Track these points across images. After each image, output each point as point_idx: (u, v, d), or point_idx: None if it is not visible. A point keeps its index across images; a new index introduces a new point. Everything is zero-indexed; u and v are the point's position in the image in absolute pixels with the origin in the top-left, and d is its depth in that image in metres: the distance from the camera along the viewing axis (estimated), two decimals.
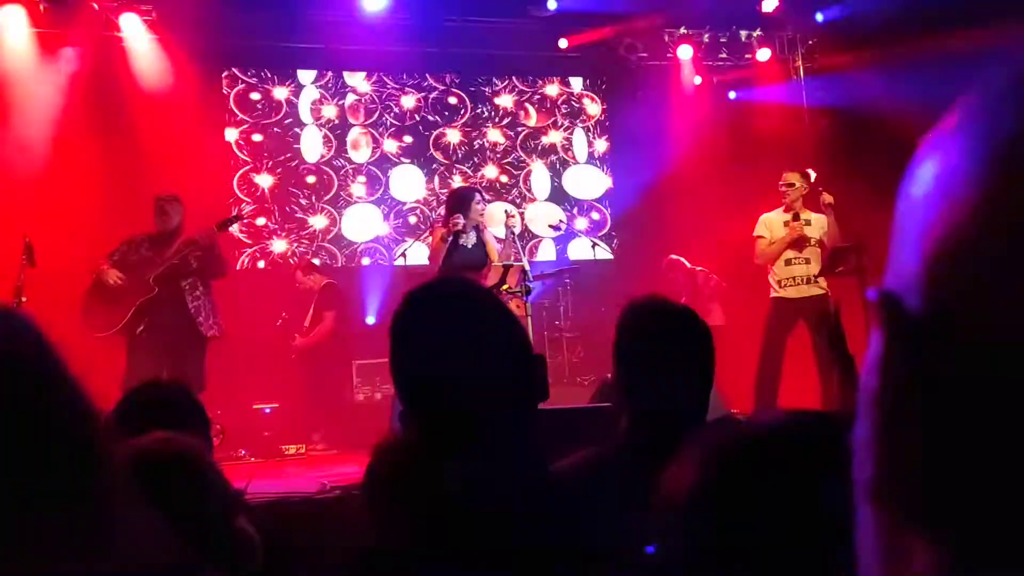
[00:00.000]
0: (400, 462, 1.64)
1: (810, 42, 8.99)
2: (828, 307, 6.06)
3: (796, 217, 6.07)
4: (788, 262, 6.10)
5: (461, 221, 5.50)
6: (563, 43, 8.49)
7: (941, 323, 0.35)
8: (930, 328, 0.35)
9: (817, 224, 6.14)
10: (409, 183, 8.70)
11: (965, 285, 0.35)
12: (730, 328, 7.45)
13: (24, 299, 5.14)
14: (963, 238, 0.35)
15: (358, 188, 8.57)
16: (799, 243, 6.10)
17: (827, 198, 6.00)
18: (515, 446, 1.17)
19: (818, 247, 6.13)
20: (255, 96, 8.40)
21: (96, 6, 7.43)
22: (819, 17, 8.58)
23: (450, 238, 5.51)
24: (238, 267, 8.09)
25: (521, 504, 1.11)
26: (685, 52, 8.86)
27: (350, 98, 8.66)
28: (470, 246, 5.64)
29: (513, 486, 1.13)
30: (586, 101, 9.39)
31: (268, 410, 7.07)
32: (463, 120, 8.97)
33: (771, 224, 6.17)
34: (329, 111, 8.57)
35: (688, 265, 7.82)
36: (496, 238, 6.11)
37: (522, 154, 9.11)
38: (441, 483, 1.13)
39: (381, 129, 8.70)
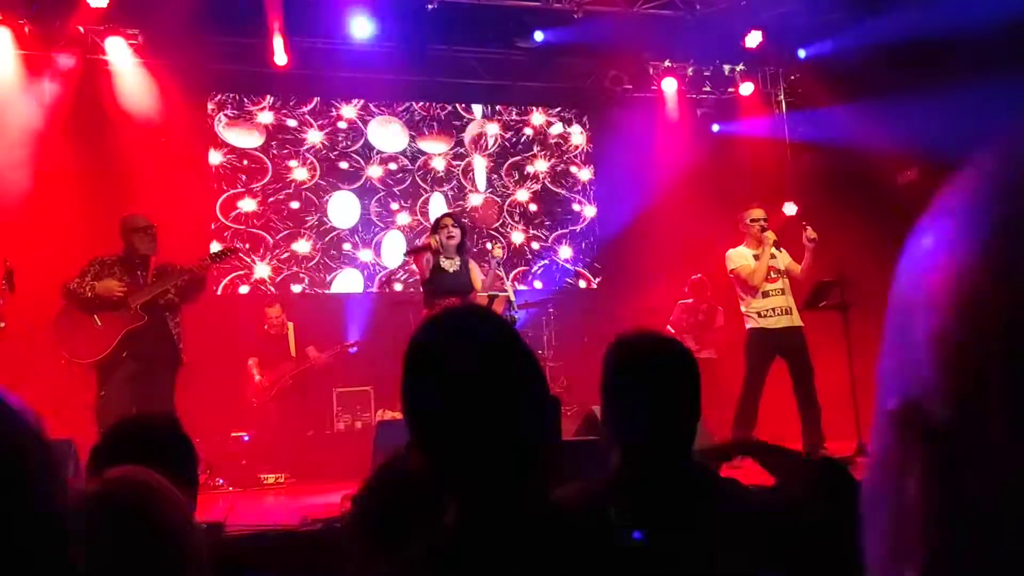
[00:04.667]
0: (400, 493, 1.61)
1: (792, 77, 9.11)
2: (805, 341, 6.08)
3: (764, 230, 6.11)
4: (766, 293, 6.12)
5: (435, 241, 5.60)
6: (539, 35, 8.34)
7: (969, 435, 0.35)
8: (957, 439, 0.35)
9: (781, 256, 6.19)
10: (392, 210, 8.70)
11: (992, 399, 0.34)
12: (719, 362, 7.50)
13: (3, 324, 5.07)
14: (981, 351, 0.34)
15: (342, 214, 8.55)
16: (768, 271, 6.12)
17: (811, 233, 6.02)
18: (522, 488, 1.15)
19: (786, 277, 6.17)
20: (240, 121, 8.39)
21: (82, 29, 7.41)
22: (801, 53, 8.70)
23: (431, 258, 5.58)
24: (219, 292, 8.05)
25: (521, 545, 1.09)
26: (669, 85, 8.95)
27: (335, 124, 8.67)
28: (452, 271, 5.63)
29: (515, 528, 1.11)
30: (571, 131, 9.45)
31: (246, 438, 6.97)
32: (449, 148, 9.00)
33: (746, 257, 6.19)
34: (314, 136, 8.57)
35: (707, 293, 7.95)
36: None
37: (507, 182, 9.14)
38: (442, 518, 1.10)
39: (366, 156, 8.71)
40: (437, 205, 8.72)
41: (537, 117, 9.34)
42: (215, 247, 7.93)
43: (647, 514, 1.67)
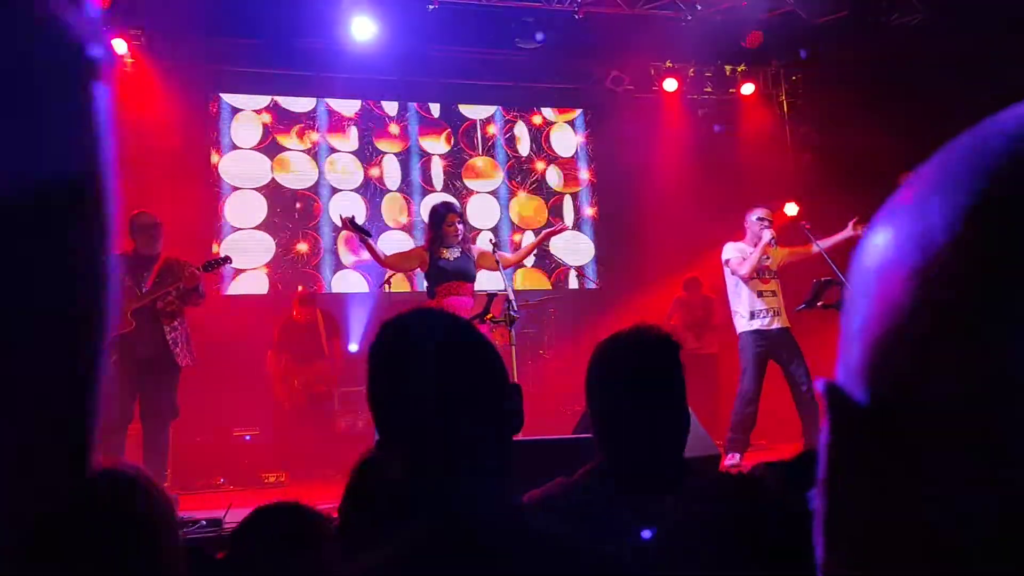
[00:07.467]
0: (377, 485, 1.63)
1: (793, 77, 9.11)
2: (795, 341, 6.07)
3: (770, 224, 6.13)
4: (760, 294, 6.11)
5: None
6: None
7: (879, 415, 0.36)
8: (869, 420, 0.36)
9: (775, 256, 6.20)
10: (393, 210, 8.72)
11: (900, 376, 0.36)
12: (721, 358, 7.49)
13: None
14: (892, 332, 0.36)
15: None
16: (763, 271, 6.13)
17: (860, 230, 6.02)
18: (489, 475, 1.17)
19: (777, 278, 6.19)
20: (242, 121, 8.41)
21: None
22: (802, 53, 8.70)
23: (426, 256, 5.62)
24: (222, 292, 8.06)
25: (492, 532, 1.10)
26: (671, 85, 8.95)
27: (336, 125, 8.68)
28: (452, 259, 5.63)
29: (485, 514, 1.12)
30: (572, 132, 9.46)
31: (248, 437, 6.99)
32: (448, 148, 9.01)
33: (742, 251, 6.19)
34: (315, 137, 8.59)
35: (703, 290, 7.94)
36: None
37: (508, 183, 9.15)
38: (415, 507, 1.13)
39: (366, 156, 8.73)
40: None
41: (537, 118, 9.34)
42: (214, 248, 7.97)
43: (623, 507, 1.65)
